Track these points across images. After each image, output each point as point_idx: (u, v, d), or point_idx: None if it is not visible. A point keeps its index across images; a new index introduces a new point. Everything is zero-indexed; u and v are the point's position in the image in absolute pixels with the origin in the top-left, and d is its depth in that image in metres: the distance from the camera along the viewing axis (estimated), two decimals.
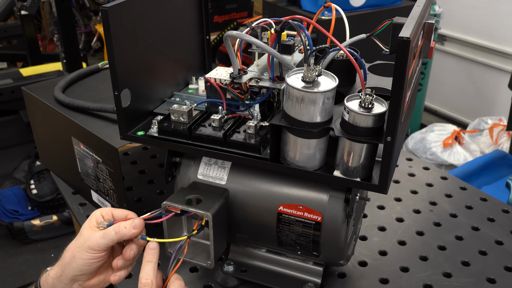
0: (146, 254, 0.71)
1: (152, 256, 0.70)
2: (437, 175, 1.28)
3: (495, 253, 1.01)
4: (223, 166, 0.83)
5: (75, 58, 2.24)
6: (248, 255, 0.91)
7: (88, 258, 0.71)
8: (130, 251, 0.74)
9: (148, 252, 0.71)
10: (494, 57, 3.23)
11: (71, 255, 0.72)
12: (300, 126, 0.70)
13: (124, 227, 0.71)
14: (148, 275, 0.69)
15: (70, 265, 0.72)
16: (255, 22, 0.80)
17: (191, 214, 0.76)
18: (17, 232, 2.35)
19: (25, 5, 2.52)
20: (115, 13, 0.73)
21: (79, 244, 0.72)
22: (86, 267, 0.72)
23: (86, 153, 1.05)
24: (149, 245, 0.71)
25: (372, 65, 0.91)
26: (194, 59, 1.00)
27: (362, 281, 0.93)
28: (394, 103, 0.62)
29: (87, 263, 0.71)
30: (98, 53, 4.73)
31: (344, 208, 0.77)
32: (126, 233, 0.71)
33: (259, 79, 0.80)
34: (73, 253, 0.72)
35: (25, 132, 2.78)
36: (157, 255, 0.71)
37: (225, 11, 3.72)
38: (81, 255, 0.71)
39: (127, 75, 0.79)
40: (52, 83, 1.21)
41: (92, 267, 0.72)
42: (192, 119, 0.81)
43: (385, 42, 0.76)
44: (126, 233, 0.71)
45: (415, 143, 2.98)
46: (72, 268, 0.72)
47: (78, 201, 1.17)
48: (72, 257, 0.72)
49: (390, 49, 0.71)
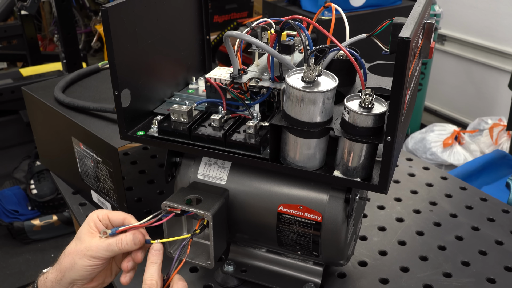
0: (151, 256, 0.72)
1: (156, 258, 0.71)
2: (437, 175, 1.28)
3: (495, 253, 1.01)
4: (223, 166, 0.83)
5: (75, 58, 2.23)
6: (248, 255, 0.91)
7: (90, 265, 0.72)
8: (141, 254, 0.75)
9: (152, 253, 0.72)
10: (494, 57, 3.23)
11: (72, 260, 0.72)
12: (300, 126, 0.70)
13: (126, 244, 0.72)
14: (152, 276, 0.70)
15: (70, 270, 0.72)
16: (255, 22, 0.80)
17: (191, 214, 0.76)
18: (17, 232, 2.35)
19: (25, 5, 2.52)
20: (115, 13, 0.73)
21: (80, 252, 0.72)
22: (87, 272, 0.72)
23: (86, 153, 1.05)
24: (154, 246, 0.72)
25: (372, 65, 0.91)
26: (194, 59, 1.00)
27: (362, 281, 0.93)
28: (394, 103, 0.62)
29: (89, 269, 0.72)
30: (98, 53, 4.73)
31: (344, 208, 0.77)
32: (128, 249, 0.72)
33: (259, 79, 0.80)
34: (74, 259, 0.72)
35: (25, 132, 2.77)
36: (161, 257, 0.72)
37: (225, 11, 3.72)
38: (82, 262, 0.71)
39: (127, 75, 0.79)
40: (52, 83, 1.21)
41: (94, 273, 0.73)
42: (192, 119, 0.81)
43: (385, 42, 0.76)
44: (128, 249, 0.72)
45: (415, 143, 2.98)
46: (72, 273, 0.72)
47: (78, 201, 1.17)
48: (73, 263, 0.72)
49: (390, 49, 0.71)
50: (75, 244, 0.73)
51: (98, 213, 0.75)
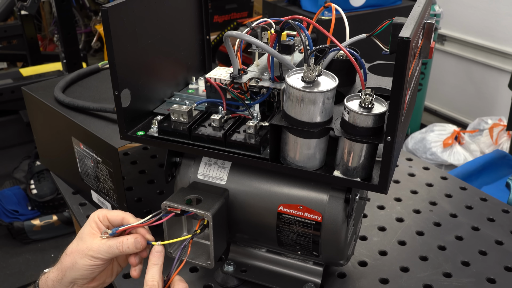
0: (152, 257, 0.72)
1: (157, 259, 0.72)
2: (437, 175, 1.28)
3: (495, 253, 1.01)
4: (223, 166, 0.83)
5: (75, 58, 2.24)
6: (248, 255, 0.91)
7: (91, 265, 0.72)
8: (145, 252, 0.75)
9: (154, 255, 0.72)
10: (494, 57, 3.23)
11: (73, 260, 0.72)
12: (300, 126, 0.70)
13: (127, 247, 0.72)
14: (154, 277, 0.70)
15: (71, 270, 0.72)
16: (255, 22, 0.80)
17: (191, 214, 0.76)
18: (17, 232, 2.35)
19: (25, 5, 2.52)
20: (115, 13, 0.73)
21: (82, 251, 0.72)
22: (88, 272, 0.73)
23: (86, 153, 1.05)
24: (155, 248, 0.73)
25: (372, 65, 0.91)
26: (194, 59, 1.00)
27: (362, 281, 0.93)
28: (394, 103, 0.62)
29: (90, 269, 0.72)
30: (98, 53, 4.73)
31: (344, 208, 0.77)
32: (129, 252, 0.73)
33: (259, 79, 0.80)
34: (75, 258, 0.72)
35: (25, 132, 2.77)
36: (162, 258, 0.72)
37: (225, 11, 3.72)
38: (83, 262, 0.72)
39: (127, 75, 0.79)
40: (52, 83, 1.21)
41: (95, 273, 0.73)
42: (192, 119, 0.81)
43: (385, 42, 0.76)
44: (129, 252, 0.73)
45: (415, 143, 2.98)
46: (73, 272, 0.73)
47: (78, 201, 1.17)
48: (74, 262, 0.72)
49: (390, 49, 0.71)
50: (76, 243, 0.74)
51: (98, 213, 0.75)
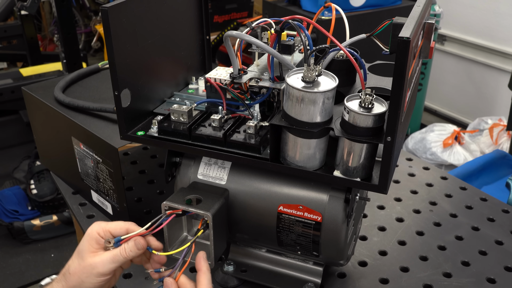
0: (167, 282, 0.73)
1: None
2: (437, 175, 1.28)
3: (495, 253, 1.01)
4: (223, 166, 0.83)
5: (75, 58, 2.24)
6: (248, 255, 0.91)
7: (99, 282, 0.72)
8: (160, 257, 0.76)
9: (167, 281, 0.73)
10: (494, 57, 3.23)
11: (79, 279, 0.72)
12: (300, 126, 0.70)
13: (130, 251, 0.72)
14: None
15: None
16: (255, 22, 0.80)
17: (191, 214, 0.76)
18: (17, 232, 2.35)
19: (25, 5, 2.52)
20: (115, 13, 0.73)
21: (86, 271, 0.71)
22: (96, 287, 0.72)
23: (86, 153, 1.05)
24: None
25: (372, 65, 0.91)
26: (194, 59, 1.00)
27: (362, 281, 0.93)
28: (394, 103, 0.62)
29: (98, 286, 0.72)
30: (98, 53, 4.73)
31: (344, 208, 0.77)
32: (133, 255, 0.73)
33: (259, 79, 0.80)
34: (81, 278, 0.71)
35: (25, 132, 2.77)
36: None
37: (225, 11, 3.72)
38: (90, 280, 0.71)
39: (127, 75, 0.79)
40: (52, 83, 1.21)
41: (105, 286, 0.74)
42: (192, 119, 0.81)
43: (385, 42, 0.76)
44: (133, 255, 0.73)
45: (415, 143, 2.98)
46: None
47: (78, 201, 1.17)
48: (80, 281, 0.72)
49: (390, 49, 0.71)
50: (77, 262, 0.73)
51: (98, 229, 0.73)
